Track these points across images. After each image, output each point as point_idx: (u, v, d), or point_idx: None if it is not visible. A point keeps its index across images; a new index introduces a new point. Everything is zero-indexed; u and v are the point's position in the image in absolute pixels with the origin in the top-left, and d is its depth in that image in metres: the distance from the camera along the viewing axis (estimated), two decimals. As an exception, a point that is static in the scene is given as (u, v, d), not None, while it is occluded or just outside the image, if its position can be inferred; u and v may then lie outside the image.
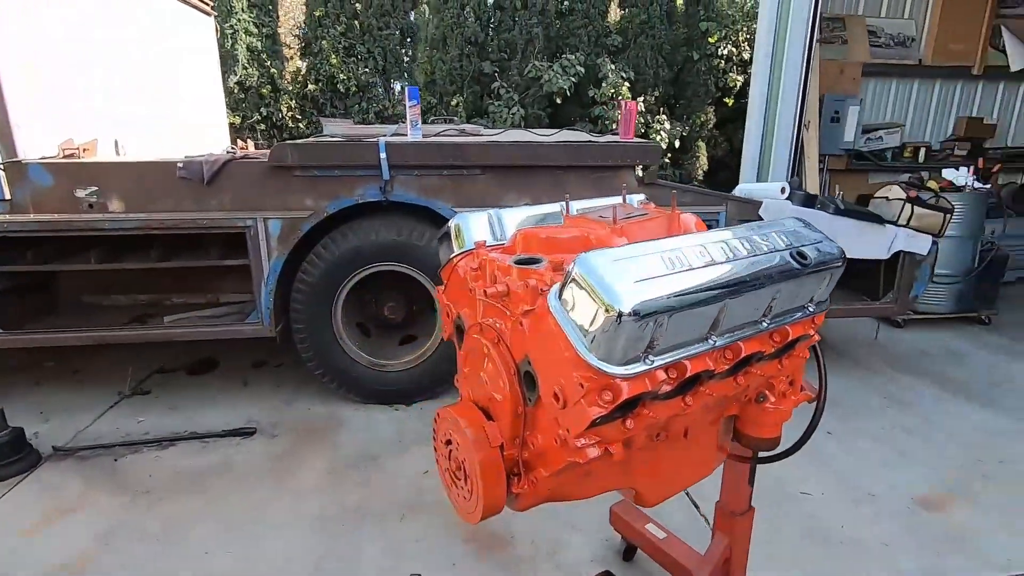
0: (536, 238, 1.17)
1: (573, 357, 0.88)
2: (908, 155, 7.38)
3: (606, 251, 0.89)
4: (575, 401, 0.89)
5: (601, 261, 0.86)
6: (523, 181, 3.18)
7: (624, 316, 0.80)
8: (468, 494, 1.11)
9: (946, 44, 7.06)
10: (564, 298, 0.89)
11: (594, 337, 0.84)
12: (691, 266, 0.91)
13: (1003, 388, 3.61)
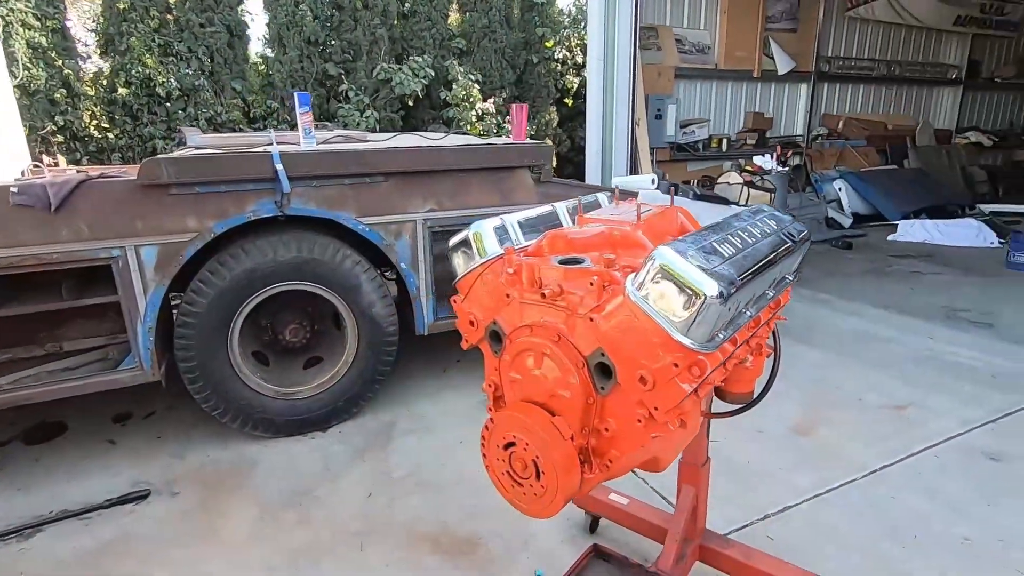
0: (563, 239, 1.24)
1: (664, 341, 0.98)
2: (715, 145, 8.65)
3: (678, 243, 1.01)
4: (667, 380, 0.99)
5: (680, 253, 0.97)
6: (426, 186, 3.16)
7: (717, 298, 0.92)
8: (541, 489, 1.15)
9: (733, 52, 8.41)
10: (650, 289, 0.98)
11: (686, 321, 0.95)
12: (741, 248, 1.07)
13: (815, 330, 4.50)
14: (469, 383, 3.78)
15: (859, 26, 9.54)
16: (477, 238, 1.30)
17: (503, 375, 1.27)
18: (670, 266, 0.96)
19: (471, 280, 1.30)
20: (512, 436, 1.17)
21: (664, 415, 1.01)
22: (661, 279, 0.96)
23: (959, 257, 6.78)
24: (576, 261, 1.16)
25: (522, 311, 1.21)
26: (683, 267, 0.95)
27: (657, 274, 0.97)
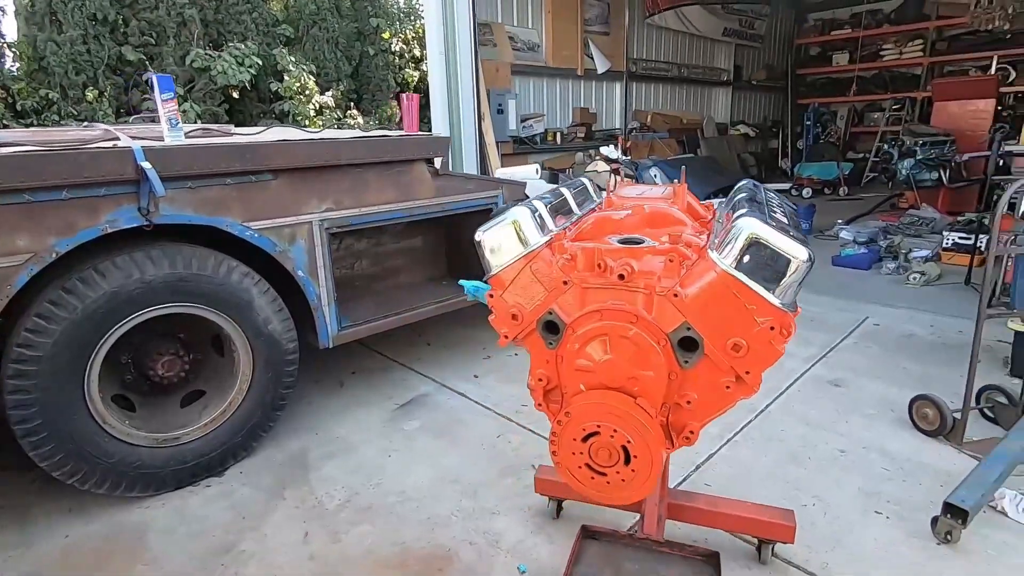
0: (610, 220, 1.23)
1: (761, 306, 1.03)
2: (551, 139, 9.16)
3: (752, 217, 1.06)
4: (764, 343, 1.04)
5: (763, 224, 1.03)
6: (322, 184, 2.86)
7: (807, 262, 1.00)
8: (631, 474, 1.13)
9: (559, 51, 8.98)
10: (745, 260, 1.02)
11: (782, 285, 1.01)
12: (787, 221, 1.16)
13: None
14: (373, 394, 3.53)
15: (656, 32, 10.86)
16: (517, 227, 1.21)
17: (563, 366, 1.22)
18: (761, 235, 1.01)
19: (513, 271, 1.22)
20: (595, 425, 1.14)
21: (756, 377, 1.07)
22: (760, 250, 1.02)
23: (754, 228, 8.17)
24: (636, 241, 1.15)
25: (584, 296, 1.17)
26: (773, 236, 1.01)
27: (755, 245, 1.02)
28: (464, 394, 3.51)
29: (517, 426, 3.13)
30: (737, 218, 1.08)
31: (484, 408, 3.34)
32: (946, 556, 2.13)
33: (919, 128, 7.79)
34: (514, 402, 3.38)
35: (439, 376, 3.75)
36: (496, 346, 4.22)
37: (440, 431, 3.11)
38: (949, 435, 2.81)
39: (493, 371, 3.81)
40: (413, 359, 4.03)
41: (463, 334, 4.41)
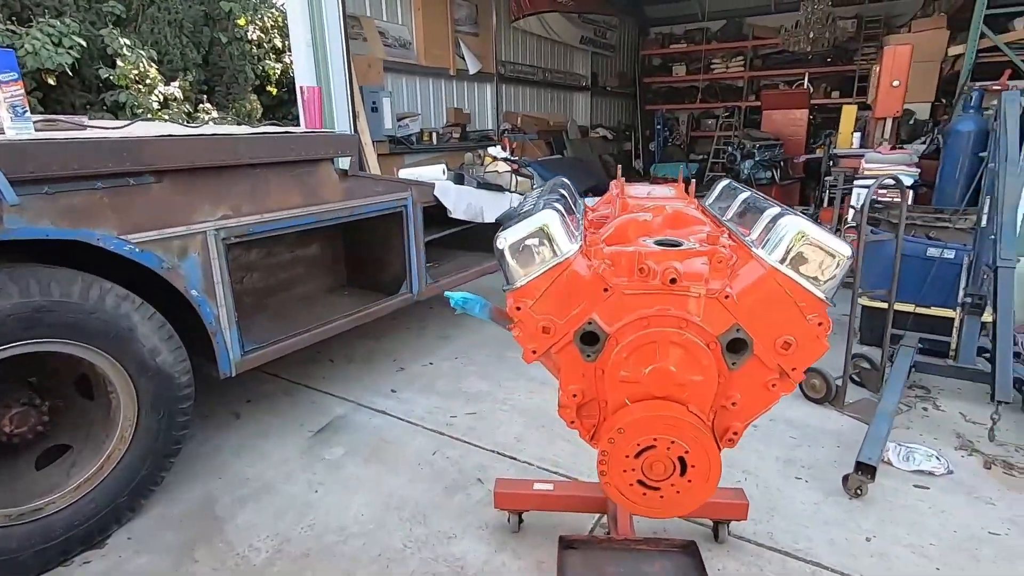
0: (636, 224, 1.18)
1: (809, 304, 1.04)
2: (427, 139, 8.97)
3: (796, 216, 1.07)
4: (813, 338, 1.06)
5: (808, 223, 1.04)
6: (216, 187, 2.45)
7: (850, 257, 1.03)
8: (686, 485, 1.09)
9: (431, 50, 8.81)
10: (795, 258, 1.02)
11: (827, 281, 1.03)
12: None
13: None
14: (281, 423, 3.15)
15: (521, 36, 11.14)
16: (548, 232, 1.11)
17: (604, 378, 1.14)
18: (808, 233, 1.03)
19: (545, 281, 1.11)
20: (652, 439, 1.08)
21: (800, 374, 1.08)
22: (808, 247, 1.02)
23: (624, 224, 8.75)
24: (673, 243, 1.11)
25: (625, 304, 1.10)
26: (818, 233, 1.03)
27: (805, 244, 1.03)
28: (386, 412, 3.27)
29: (451, 439, 2.98)
30: (777, 217, 1.09)
31: (411, 424, 3.13)
32: (859, 508, 2.42)
33: (755, 133, 8.92)
34: (442, 414, 3.22)
35: (353, 395, 3.45)
36: (408, 356, 4.02)
37: (369, 455, 2.85)
38: (833, 400, 3.22)
39: (410, 384, 3.60)
40: (318, 379, 3.66)
41: (368, 347, 4.11)
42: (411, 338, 4.34)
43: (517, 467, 2.73)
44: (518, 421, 3.14)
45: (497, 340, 4.26)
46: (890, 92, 5.28)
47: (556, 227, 1.11)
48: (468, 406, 3.31)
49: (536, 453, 2.83)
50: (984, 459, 2.75)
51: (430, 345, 4.21)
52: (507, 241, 1.12)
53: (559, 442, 2.92)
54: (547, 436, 2.98)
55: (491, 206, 4.27)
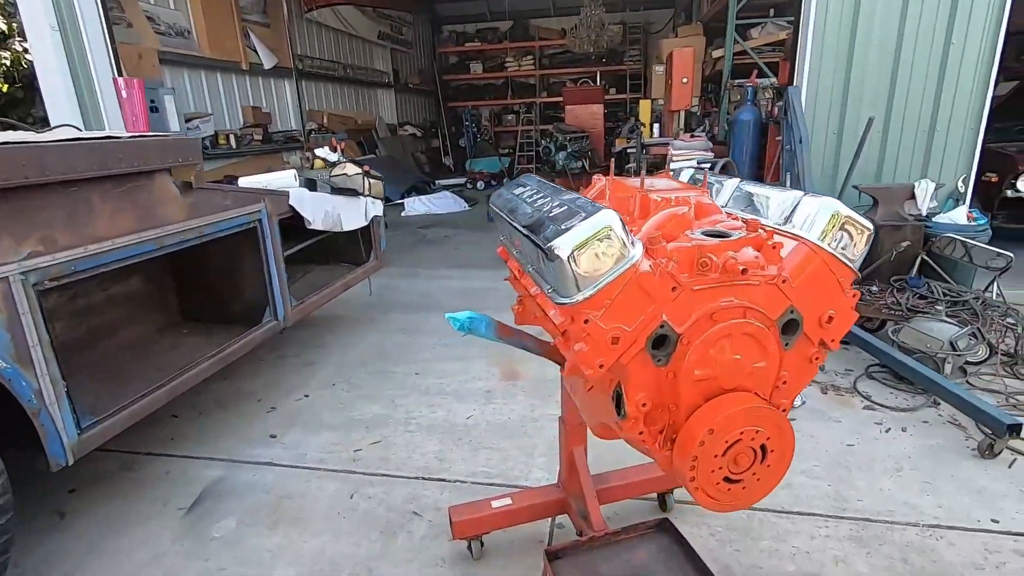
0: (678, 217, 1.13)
1: (847, 277, 1.11)
2: (223, 142, 7.89)
3: (821, 197, 1.12)
4: (848, 309, 1.14)
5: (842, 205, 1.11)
6: (18, 214, 1.78)
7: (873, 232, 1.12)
8: (766, 470, 1.10)
9: (217, 40, 7.73)
10: (835, 236, 1.08)
11: (860, 254, 1.11)
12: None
13: (440, 298, 5.09)
14: (136, 507, 2.48)
15: (317, 29, 10.37)
16: (615, 233, 0.99)
17: (677, 381, 1.08)
18: (843, 213, 1.09)
19: (616, 287, 1.00)
20: (739, 433, 1.05)
21: (837, 343, 1.16)
22: (849, 226, 1.09)
23: (454, 220, 8.77)
24: (721, 235, 1.10)
25: (692, 300, 1.06)
26: (848, 212, 1.10)
27: (839, 221, 1.09)
28: (273, 462, 2.78)
29: (366, 476, 2.66)
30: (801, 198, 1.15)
31: (311, 470, 2.71)
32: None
33: (564, 126, 9.61)
34: (343, 451, 2.85)
35: (222, 451, 2.87)
36: (275, 393, 3.47)
37: (272, 518, 2.39)
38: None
39: (291, 424, 3.12)
40: (163, 442, 2.97)
41: (220, 391, 3.46)
42: (269, 371, 3.76)
43: (451, 489, 2.54)
44: (431, 439, 2.93)
45: (375, 355, 3.93)
46: (681, 88, 6.11)
47: (620, 226, 1.01)
48: (369, 435, 2.99)
49: (464, 469, 2.67)
50: (820, 386, 3.35)
51: (296, 375, 3.70)
52: (569, 247, 0.99)
53: (482, 452, 2.80)
54: (468, 449, 2.83)
55: (349, 213, 3.89)
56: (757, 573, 2.05)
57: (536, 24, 15.12)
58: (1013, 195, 5.55)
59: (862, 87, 4.59)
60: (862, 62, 4.54)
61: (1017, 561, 2.04)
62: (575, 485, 2.12)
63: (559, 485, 2.24)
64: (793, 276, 1.08)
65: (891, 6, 4.42)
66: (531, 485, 2.53)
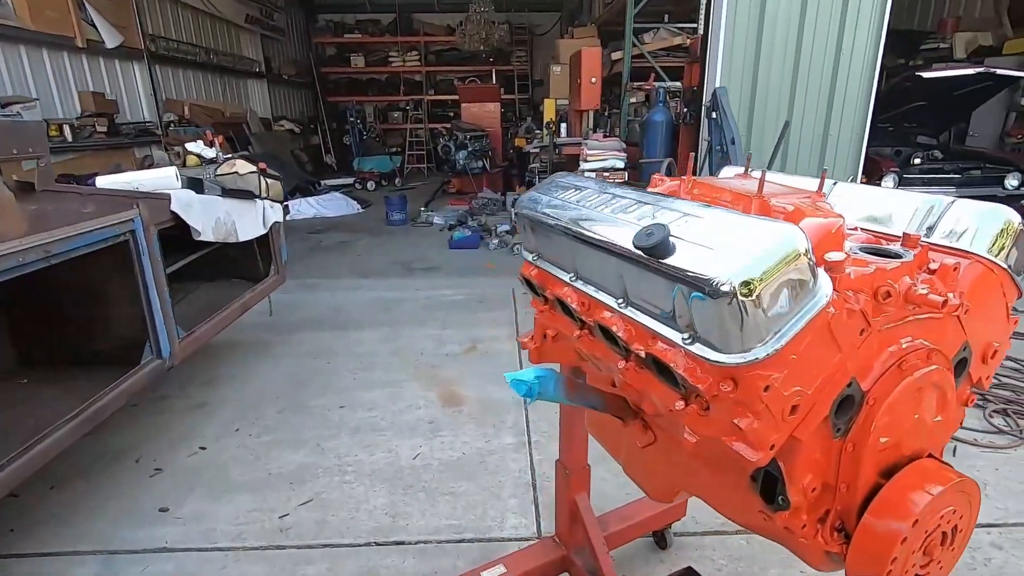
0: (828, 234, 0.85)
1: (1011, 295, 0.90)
2: (55, 133, 6.53)
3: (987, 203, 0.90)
4: (1008, 336, 0.93)
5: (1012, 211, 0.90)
6: None
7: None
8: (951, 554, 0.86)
9: (41, 10, 6.35)
10: (1008, 249, 0.86)
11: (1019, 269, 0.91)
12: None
13: (347, 311, 4.51)
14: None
15: (173, 6, 9.02)
16: (804, 260, 0.67)
17: (855, 454, 0.79)
18: (1016, 222, 0.88)
19: (806, 336, 0.69)
20: (939, 517, 0.79)
21: (989, 381, 0.95)
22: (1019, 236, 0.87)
23: (349, 224, 8.05)
24: (885, 253, 0.83)
25: (875, 344, 0.78)
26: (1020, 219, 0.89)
27: (1014, 231, 0.87)
28: (169, 547, 2.14)
29: (300, 551, 2.12)
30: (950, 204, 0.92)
31: (225, 552, 2.12)
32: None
33: (463, 125, 9.23)
34: (265, 518, 2.28)
35: (93, 539, 2.16)
36: (159, 448, 2.73)
37: (182, 633, 1.79)
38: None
39: (187, 489, 2.46)
40: (2, 536, 2.18)
41: (83, 451, 2.66)
42: (147, 419, 3.00)
43: (414, 554, 2.10)
44: (376, 490, 2.45)
45: (286, 388, 3.30)
46: (590, 88, 6.04)
47: (809, 251, 0.70)
48: (297, 493, 2.43)
49: (425, 525, 2.24)
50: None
51: (184, 421, 2.98)
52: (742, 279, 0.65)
53: (441, 500, 2.39)
54: (424, 497, 2.40)
55: (245, 220, 3.23)
56: (776, 609, 1.88)
57: (420, 19, 14.57)
58: (879, 194, 6.18)
59: (767, 92, 4.78)
60: (767, 70, 4.73)
61: (1001, 556, 2.07)
62: (578, 537, 1.81)
63: (555, 539, 1.91)
64: (970, 306, 0.84)
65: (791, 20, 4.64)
66: (509, 537, 2.18)
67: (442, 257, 6.19)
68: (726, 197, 0.96)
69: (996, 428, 2.85)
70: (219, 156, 4.24)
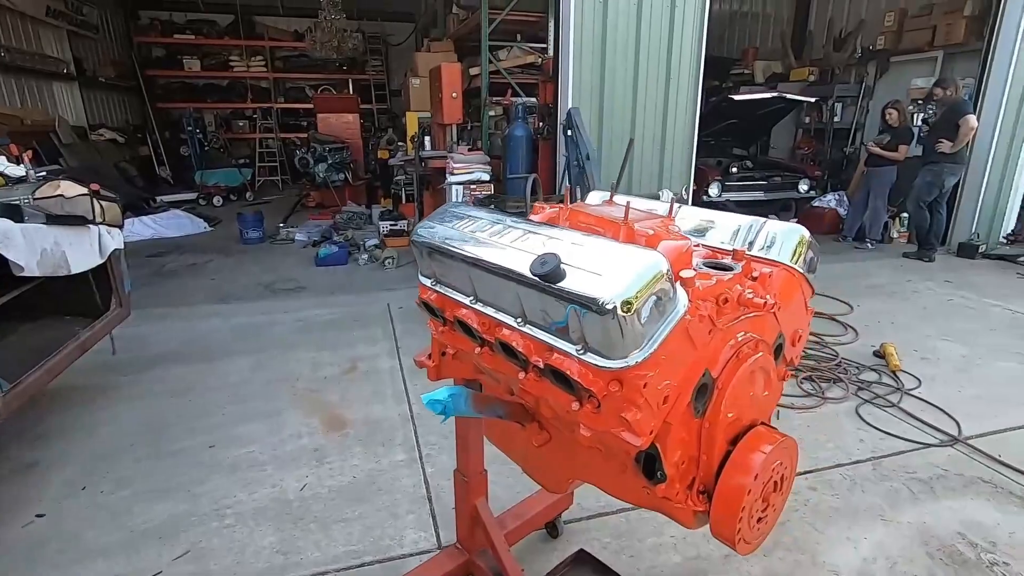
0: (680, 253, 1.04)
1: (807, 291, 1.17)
2: None
3: (777, 220, 1.15)
4: (808, 325, 1.20)
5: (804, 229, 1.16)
6: None
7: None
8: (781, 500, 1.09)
9: None
10: (803, 258, 1.12)
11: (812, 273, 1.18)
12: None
13: (206, 343, 4.15)
14: None
15: (-54, -8, 7.56)
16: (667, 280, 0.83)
17: (711, 430, 0.98)
18: (807, 236, 1.15)
19: (674, 339, 0.86)
20: (773, 469, 1.01)
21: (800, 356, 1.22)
22: (811, 247, 1.14)
23: (197, 244, 7.36)
24: (723, 267, 1.04)
25: (719, 340, 0.98)
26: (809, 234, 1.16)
27: (810, 244, 1.13)
28: (14, 635, 1.85)
29: (183, 608, 1.96)
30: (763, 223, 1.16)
31: (89, 626, 1.88)
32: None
33: (323, 136, 8.87)
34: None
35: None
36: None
37: None
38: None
39: (28, 564, 2.13)
40: None
41: None
42: (-41, 491, 2.53)
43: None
44: (263, 529, 2.33)
45: (142, 433, 2.97)
46: (452, 103, 6.19)
47: (668, 269, 0.87)
48: (170, 547, 2.23)
49: (321, 556, 2.18)
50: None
51: (12, 486, 2.57)
52: (621, 299, 0.80)
53: (336, 528, 2.34)
54: (317, 528, 2.33)
55: (77, 249, 2.86)
56: (655, 574, 2.13)
57: (264, 22, 13.70)
58: (708, 200, 7.12)
59: (612, 112, 5.30)
60: (611, 92, 5.24)
61: (816, 496, 2.55)
62: (480, 541, 1.91)
63: (457, 546, 1.98)
64: (783, 302, 1.09)
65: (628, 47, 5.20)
66: (410, 552, 2.21)
67: (309, 276, 5.92)
68: (599, 224, 1.12)
69: (805, 392, 3.47)
70: (30, 174, 3.69)
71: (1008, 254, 6.72)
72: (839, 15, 10.27)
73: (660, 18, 5.18)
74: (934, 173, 6.34)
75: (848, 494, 2.57)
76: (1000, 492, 2.58)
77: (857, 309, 4.89)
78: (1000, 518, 2.41)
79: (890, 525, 2.37)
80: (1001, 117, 6.60)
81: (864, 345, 4.15)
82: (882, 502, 2.51)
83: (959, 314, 4.88)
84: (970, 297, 5.33)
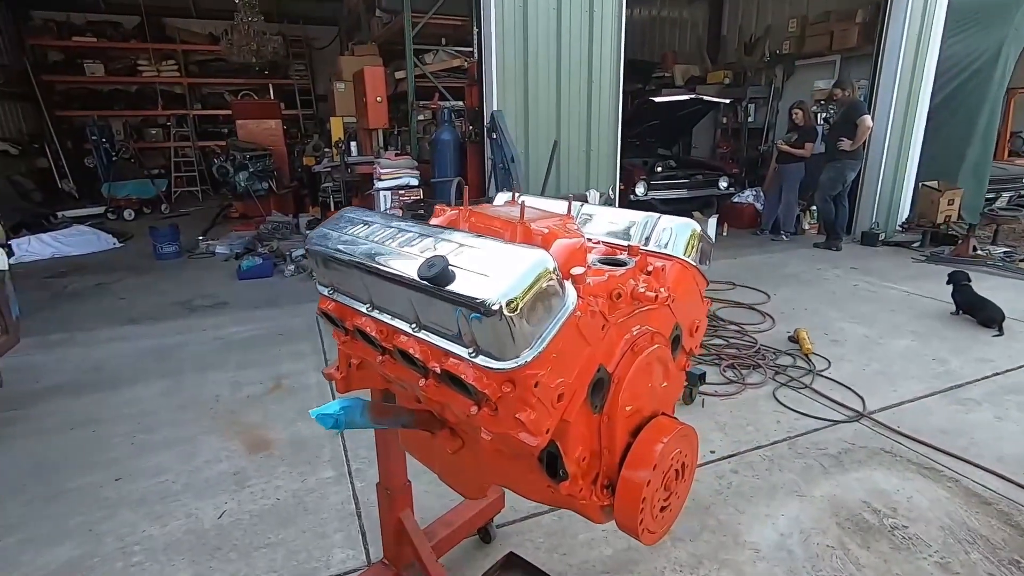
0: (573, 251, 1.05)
1: (701, 283, 1.21)
2: None
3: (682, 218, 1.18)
4: (705, 315, 1.24)
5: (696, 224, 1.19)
6: None
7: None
8: (684, 487, 1.12)
9: None
10: (697, 249, 1.15)
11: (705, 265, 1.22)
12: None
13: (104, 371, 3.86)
14: None
15: None
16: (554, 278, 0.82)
17: (611, 423, 0.98)
18: (698, 231, 1.18)
19: (561, 339, 0.85)
20: (673, 458, 1.03)
21: (699, 345, 1.25)
22: (703, 240, 1.17)
23: (105, 262, 6.85)
24: (617, 262, 1.05)
25: (614, 336, 0.98)
26: (701, 229, 1.20)
27: (703, 238, 1.16)
28: None
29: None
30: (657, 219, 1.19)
31: None
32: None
33: (243, 144, 8.46)
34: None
35: None
36: None
37: None
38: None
39: None
40: None
41: None
42: None
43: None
44: (177, 564, 2.17)
45: (32, 472, 2.71)
46: (376, 107, 6.07)
47: (555, 268, 0.86)
48: (69, 593, 2.04)
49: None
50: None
51: None
52: (506, 299, 0.79)
53: (258, 554, 2.22)
54: (237, 557, 2.20)
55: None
56: (588, 569, 2.15)
57: (174, 24, 12.97)
58: (634, 198, 7.33)
59: (537, 116, 5.36)
60: (535, 96, 5.30)
61: (737, 478, 2.66)
62: (408, 554, 1.86)
63: (384, 561, 1.92)
64: (676, 293, 1.12)
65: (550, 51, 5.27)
66: (338, 572, 2.13)
67: (231, 290, 5.63)
68: (497, 225, 1.11)
69: (728, 380, 3.62)
70: None
71: (904, 240, 7.32)
72: (748, 21, 10.87)
73: (580, 23, 5.30)
74: (836, 169, 6.81)
75: (767, 474, 2.69)
76: (899, 460, 2.78)
77: (774, 297, 5.17)
78: (899, 484, 2.60)
79: (804, 500, 2.50)
80: (892, 116, 7.19)
81: (780, 331, 4.38)
82: (797, 478, 2.65)
83: (862, 297, 5.25)
84: (872, 281, 5.76)
